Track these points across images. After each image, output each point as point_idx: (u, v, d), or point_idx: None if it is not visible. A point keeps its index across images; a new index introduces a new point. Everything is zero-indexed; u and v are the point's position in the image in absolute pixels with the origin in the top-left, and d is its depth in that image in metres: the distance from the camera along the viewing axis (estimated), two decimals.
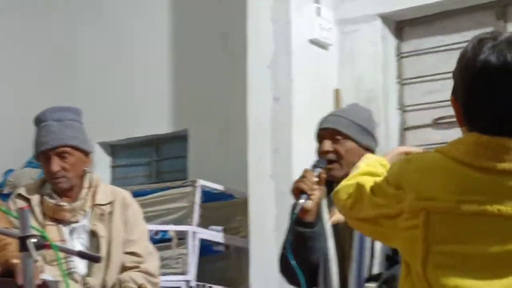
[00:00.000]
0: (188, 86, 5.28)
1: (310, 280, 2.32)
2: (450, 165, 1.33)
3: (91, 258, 2.35)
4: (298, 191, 2.26)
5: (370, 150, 2.40)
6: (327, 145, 2.35)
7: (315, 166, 2.33)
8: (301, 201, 2.23)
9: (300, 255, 2.24)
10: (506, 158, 1.29)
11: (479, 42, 1.43)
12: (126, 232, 2.67)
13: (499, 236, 1.29)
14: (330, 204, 2.38)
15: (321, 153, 2.37)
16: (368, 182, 1.47)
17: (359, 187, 1.50)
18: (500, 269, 1.29)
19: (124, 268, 2.61)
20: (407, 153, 1.72)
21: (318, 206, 2.33)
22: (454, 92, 1.46)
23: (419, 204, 1.33)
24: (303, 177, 2.28)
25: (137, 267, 2.60)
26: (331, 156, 2.35)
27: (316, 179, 2.27)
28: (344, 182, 1.58)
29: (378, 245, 2.23)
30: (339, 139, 2.35)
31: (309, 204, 2.25)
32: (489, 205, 1.29)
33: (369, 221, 1.45)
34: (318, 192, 2.28)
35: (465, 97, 1.41)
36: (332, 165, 2.35)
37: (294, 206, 2.34)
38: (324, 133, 2.39)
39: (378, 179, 1.47)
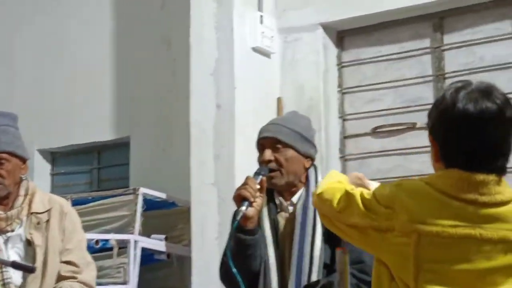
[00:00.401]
0: (130, 93, 5.23)
1: (250, 287, 2.34)
2: (437, 195, 1.55)
3: (25, 268, 2.29)
4: (240, 198, 2.27)
5: (310, 158, 2.44)
6: (268, 154, 2.37)
7: (257, 173, 2.34)
8: (243, 208, 2.24)
9: (241, 262, 2.25)
10: (485, 191, 1.54)
11: (456, 91, 1.63)
12: (63, 241, 2.61)
13: (480, 256, 1.52)
14: (271, 212, 2.41)
15: (262, 162, 2.39)
16: (357, 193, 1.67)
17: (350, 195, 1.68)
18: (481, 285, 1.53)
19: (60, 278, 2.55)
20: (360, 179, 1.93)
21: (259, 213, 2.35)
22: (433, 133, 1.68)
23: (411, 226, 1.54)
24: (245, 184, 2.28)
25: (73, 277, 2.55)
26: (272, 165, 2.37)
27: (258, 186, 2.29)
28: (326, 185, 1.74)
29: (316, 252, 2.27)
30: (279, 147, 2.37)
31: (251, 211, 2.26)
32: (472, 230, 1.53)
33: (357, 228, 1.64)
34: (260, 200, 2.30)
35: (444, 138, 1.62)
36: (273, 173, 2.37)
37: (235, 213, 2.35)
38: (265, 142, 2.41)
39: (366, 192, 1.67)
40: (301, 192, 2.40)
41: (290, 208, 2.41)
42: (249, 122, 4.18)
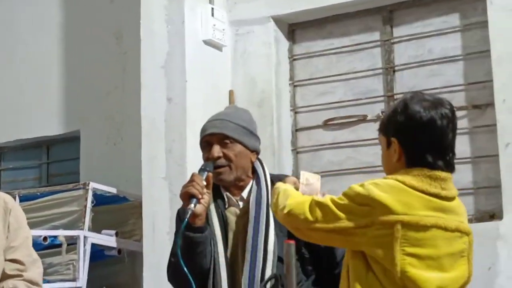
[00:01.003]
0: (80, 86, 5.14)
1: (200, 285, 2.31)
2: (410, 190, 1.78)
3: None
4: (187, 196, 2.21)
5: (257, 152, 2.40)
6: (217, 150, 2.31)
7: (202, 169, 2.29)
8: (192, 206, 2.18)
9: (191, 260, 2.21)
10: (445, 187, 1.80)
11: (417, 100, 1.86)
12: (7, 238, 2.54)
13: (444, 243, 1.79)
14: (219, 208, 2.36)
15: (211, 159, 2.31)
16: (328, 200, 1.86)
17: (322, 204, 1.86)
18: (448, 266, 1.80)
19: (4, 276, 2.47)
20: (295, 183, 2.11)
21: (207, 210, 2.32)
22: (398, 137, 1.85)
23: (394, 217, 1.76)
24: (191, 181, 2.22)
25: (19, 275, 2.48)
26: (222, 161, 2.31)
27: (204, 183, 2.23)
28: (290, 201, 1.92)
29: (270, 247, 2.24)
30: (228, 143, 2.33)
31: (199, 208, 2.21)
32: (439, 219, 1.78)
33: (337, 231, 1.82)
34: (207, 196, 2.25)
35: (412, 142, 1.84)
36: (221, 169, 2.32)
37: (180, 211, 2.31)
38: (211, 138, 2.35)
39: (335, 197, 1.87)
40: (250, 186, 2.36)
41: (241, 204, 2.37)
42: (201, 115, 4.14)
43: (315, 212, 1.85)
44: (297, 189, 2.06)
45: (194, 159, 4.04)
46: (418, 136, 1.83)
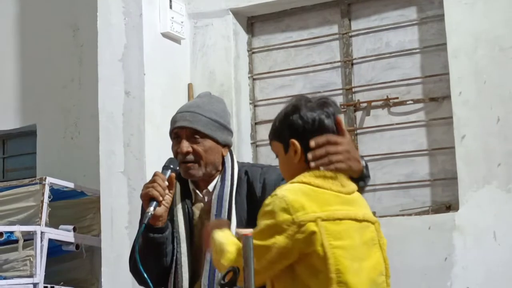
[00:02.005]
0: (36, 80, 5.06)
1: (162, 280, 2.28)
2: (317, 190, 1.81)
3: None
4: (148, 198, 2.15)
5: (228, 146, 2.33)
6: (185, 145, 2.23)
7: (166, 167, 2.21)
8: (151, 209, 2.13)
9: (150, 260, 2.17)
10: (344, 184, 1.87)
11: (313, 104, 1.91)
12: None
13: (358, 232, 1.83)
14: (185, 205, 2.31)
15: (179, 153, 2.24)
16: (255, 240, 1.76)
17: (257, 247, 1.77)
18: (365, 255, 1.84)
19: None
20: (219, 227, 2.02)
21: (171, 209, 2.25)
22: (300, 140, 1.85)
23: (312, 215, 1.76)
24: (153, 181, 2.16)
25: None
26: (190, 157, 2.24)
27: (166, 183, 2.17)
28: (225, 263, 1.84)
29: None
30: (198, 138, 2.24)
31: (159, 210, 2.16)
32: (349, 211, 1.83)
33: (276, 258, 1.78)
34: (169, 197, 2.19)
35: (306, 142, 1.85)
36: (190, 164, 2.24)
37: (143, 210, 2.25)
38: (181, 132, 2.26)
39: (255, 232, 1.82)
40: (216, 180, 2.30)
41: (206, 198, 2.32)
42: (159, 109, 4.12)
43: (256, 255, 1.74)
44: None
45: (153, 153, 4.02)
46: (311, 136, 1.85)
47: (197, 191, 2.33)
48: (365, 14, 4.28)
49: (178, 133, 2.27)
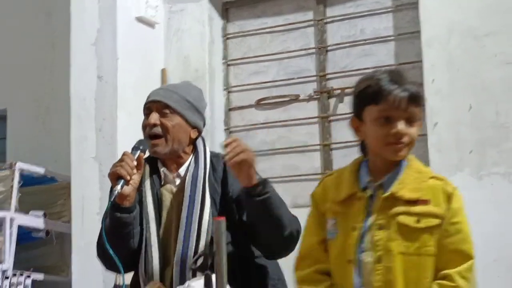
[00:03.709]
0: (7, 64, 5.00)
1: (130, 264, 2.27)
2: None
3: None
4: (115, 176, 2.15)
5: (197, 129, 2.35)
6: (154, 117, 2.27)
7: (135, 148, 2.22)
8: (118, 187, 2.12)
9: (118, 241, 2.16)
10: None
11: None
12: None
13: None
14: (154, 185, 2.31)
15: (147, 125, 2.28)
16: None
17: None
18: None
19: None
20: None
21: (140, 189, 2.26)
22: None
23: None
24: (121, 161, 2.17)
25: None
26: (157, 130, 2.27)
27: (135, 163, 2.17)
28: None
29: (204, 226, 2.20)
30: (167, 113, 2.28)
31: (127, 189, 2.16)
32: None
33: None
34: (137, 176, 2.18)
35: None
36: (156, 140, 2.27)
37: (111, 190, 2.26)
38: (152, 106, 2.30)
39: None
40: (188, 163, 2.31)
41: (177, 181, 2.32)
42: (132, 94, 4.08)
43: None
44: None
45: (125, 139, 3.97)
46: None
47: (167, 173, 2.33)
48: (340, 1, 4.27)
49: (149, 107, 2.32)
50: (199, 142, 2.35)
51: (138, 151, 2.21)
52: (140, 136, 2.39)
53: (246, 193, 2.13)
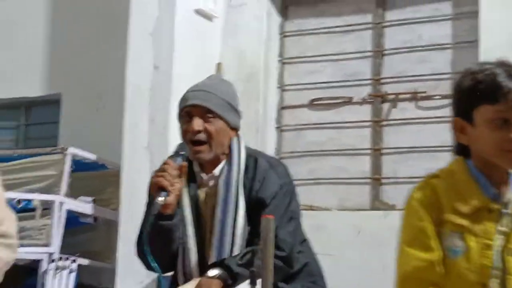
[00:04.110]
0: (65, 48, 5.04)
1: (169, 266, 2.25)
2: None
3: None
4: (157, 187, 2.08)
5: (236, 129, 2.30)
6: (198, 123, 2.18)
7: (176, 154, 2.15)
8: (160, 199, 2.06)
9: (160, 247, 2.14)
10: None
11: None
12: None
13: None
14: (191, 189, 2.26)
15: (190, 131, 2.19)
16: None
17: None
18: None
19: None
20: None
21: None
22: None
23: None
24: (163, 170, 2.10)
25: None
26: (201, 136, 2.19)
27: (176, 172, 2.10)
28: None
29: (239, 231, 2.18)
30: (210, 117, 2.20)
31: (169, 199, 2.09)
32: None
33: None
34: (179, 185, 2.11)
35: None
36: (200, 147, 2.19)
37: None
38: (193, 110, 2.21)
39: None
40: (223, 164, 2.26)
41: (212, 182, 2.27)
42: (187, 86, 4.04)
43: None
44: None
45: (177, 130, 3.96)
46: None
47: (202, 175, 2.29)
48: (400, 5, 4.23)
49: (189, 111, 2.22)
50: (234, 143, 2.29)
51: (180, 158, 2.14)
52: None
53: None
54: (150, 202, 2.22)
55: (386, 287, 3.76)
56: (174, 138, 3.97)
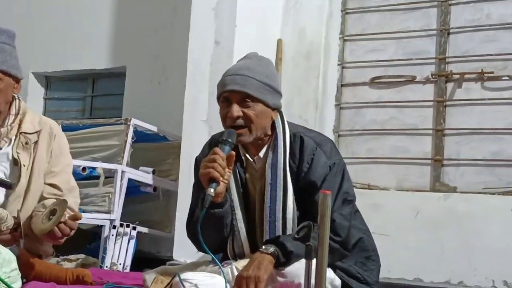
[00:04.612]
0: (130, 23, 5.14)
1: (220, 248, 2.28)
2: None
3: (3, 184, 2.26)
4: (208, 178, 2.07)
5: (278, 109, 2.27)
6: (236, 109, 2.17)
7: (224, 142, 2.13)
8: (211, 190, 2.05)
9: (212, 233, 2.16)
10: None
11: None
12: (49, 163, 2.59)
13: None
14: (238, 172, 2.25)
15: (229, 118, 2.19)
16: None
17: None
18: None
19: (42, 199, 2.54)
20: None
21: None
22: None
23: None
24: (213, 161, 2.08)
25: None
26: (240, 121, 2.18)
27: (225, 162, 2.09)
28: None
29: (289, 215, 2.17)
30: (248, 102, 2.17)
31: (219, 188, 2.09)
32: None
33: None
34: (228, 174, 2.11)
35: None
36: (241, 130, 2.17)
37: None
38: (231, 95, 2.19)
39: None
40: (268, 145, 2.25)
41: (258, 164, 2.27)
42: None
43: None
44: None
45: None
46: None
47: (248, 157, 2.28)
48: None
49: (228, 97, 2.21)
50: (278, 123, 2.27)
51: (227, 146, 2.13)
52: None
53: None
54: (198, 183, 2.23)
55: (443, 270, 3.75)
56: None
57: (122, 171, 4.15)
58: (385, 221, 3.85)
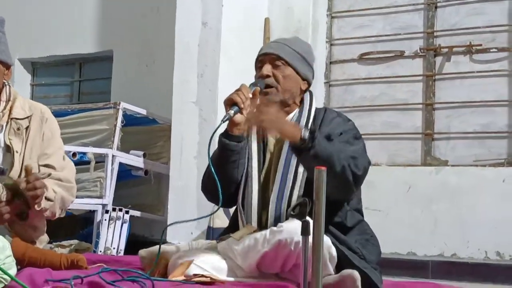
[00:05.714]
0: (116, 6, 5.09)
1: (230, 200, 2.32)
2: None
3: None
4: (230, 103, 2.20)
5: (307, 81, 2.39)
6: (267, 68, 2.32)
7: (253, 84, 2.28)
8: (231, 112, 2.18)
9: (223, 167, 2.24)
10: None
11: None
12: (42, 146, 2.57)
13: None
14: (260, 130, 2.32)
15: (260, 77, 2.32)
16: None
17: None
18: None
19: None
20: None
21: (250, 125, 2.26)
22: None
23: None
24: (238, 90, 2.22)
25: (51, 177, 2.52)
26: (270, 80, 2.31)
27: (250, 95, 2.22)
28: None
29: (301, 169, 2.24)
30: (279, 64, 2.32)
31: (239, 117, 2.21)
32: None
33: None
34: (250, 108, 2.23)
35: None
36: (269, 89, 2.30)
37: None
38: (265, 58, 2.35)
39: None
40: (294, 113, 2.33)
41: None
42: (235, 41, 4.09)
43: None
44: None
45: (226, 85, 4.00)
46: None
47: None
48: None
49: (262, 59, 2.36)
50: (307, 96, 2.39)
51: (254, 87, 2.27)
52: (241, 82, 2.40)
53: (293, 149, 2.14)
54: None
55: (436, 244, 3.78)
56: (223, 93, 3.98)
57: (113, 155, 4.13)
58: (378, 196, 3.87)
